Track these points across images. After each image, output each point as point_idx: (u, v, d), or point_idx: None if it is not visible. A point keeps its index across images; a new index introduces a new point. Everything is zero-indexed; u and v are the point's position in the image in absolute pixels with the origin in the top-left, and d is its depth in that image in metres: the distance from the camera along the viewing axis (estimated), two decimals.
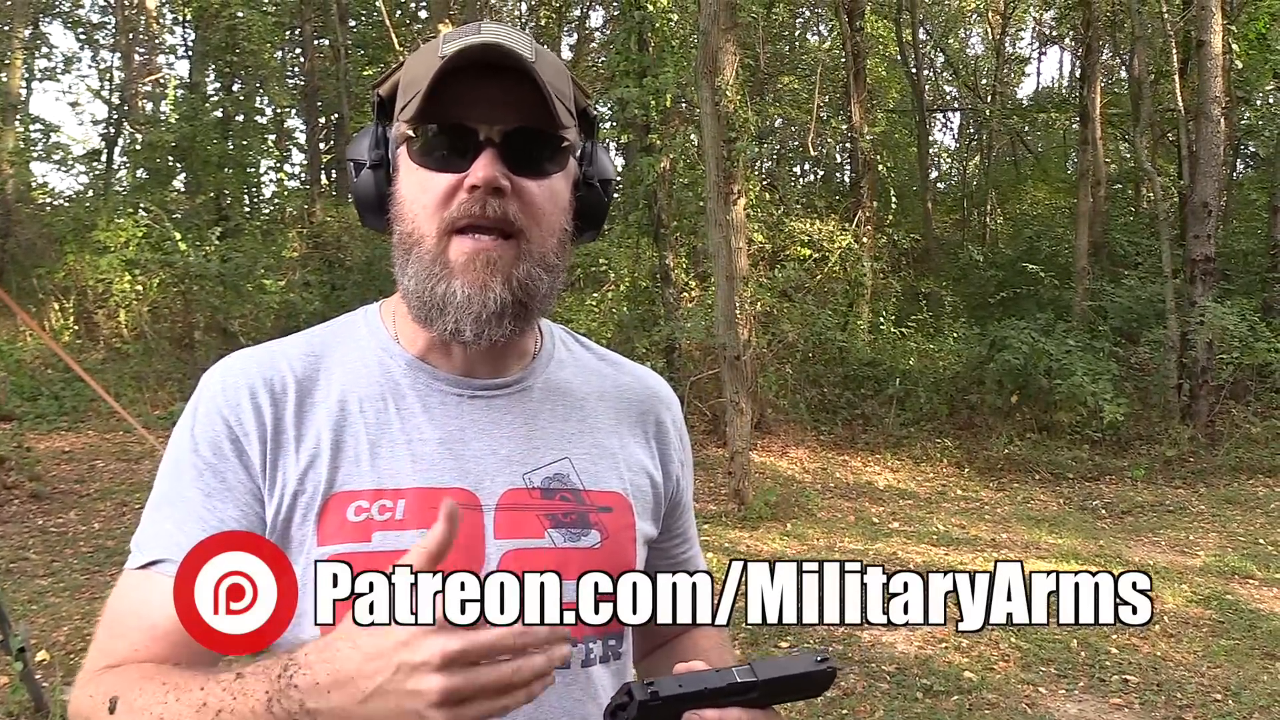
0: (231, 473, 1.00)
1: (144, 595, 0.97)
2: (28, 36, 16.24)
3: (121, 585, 1.01)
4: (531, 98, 0.97)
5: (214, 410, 1.01)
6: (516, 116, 0.98)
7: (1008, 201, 20.20)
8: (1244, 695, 4.65)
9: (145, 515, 1.02)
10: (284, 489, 1.00)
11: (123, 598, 1.00)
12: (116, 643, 0.98)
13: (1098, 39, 14.76)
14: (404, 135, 1.02)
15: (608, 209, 1.13)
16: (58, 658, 4.49)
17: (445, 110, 0.98)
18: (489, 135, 0.98)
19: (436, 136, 1.00)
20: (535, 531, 1.03)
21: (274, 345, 1.09)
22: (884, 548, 7.27)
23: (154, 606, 0.95)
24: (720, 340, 8.38)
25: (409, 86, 1.02)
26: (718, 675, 0.88)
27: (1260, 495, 9.27)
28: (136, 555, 1.00)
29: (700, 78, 8.46)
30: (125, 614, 0.99)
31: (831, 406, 11.95)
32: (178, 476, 1.01)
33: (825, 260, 13.08)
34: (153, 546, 0.99)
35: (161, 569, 0.97)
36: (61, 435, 9.30)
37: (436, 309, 1.00)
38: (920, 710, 4.42)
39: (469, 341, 1.01)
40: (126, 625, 0.98)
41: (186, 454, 1.01)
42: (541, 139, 1.00)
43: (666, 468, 1.19)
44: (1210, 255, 11.10)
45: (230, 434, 1.00)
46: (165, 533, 0.98)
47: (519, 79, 0.96)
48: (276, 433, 1.01)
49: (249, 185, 17.09)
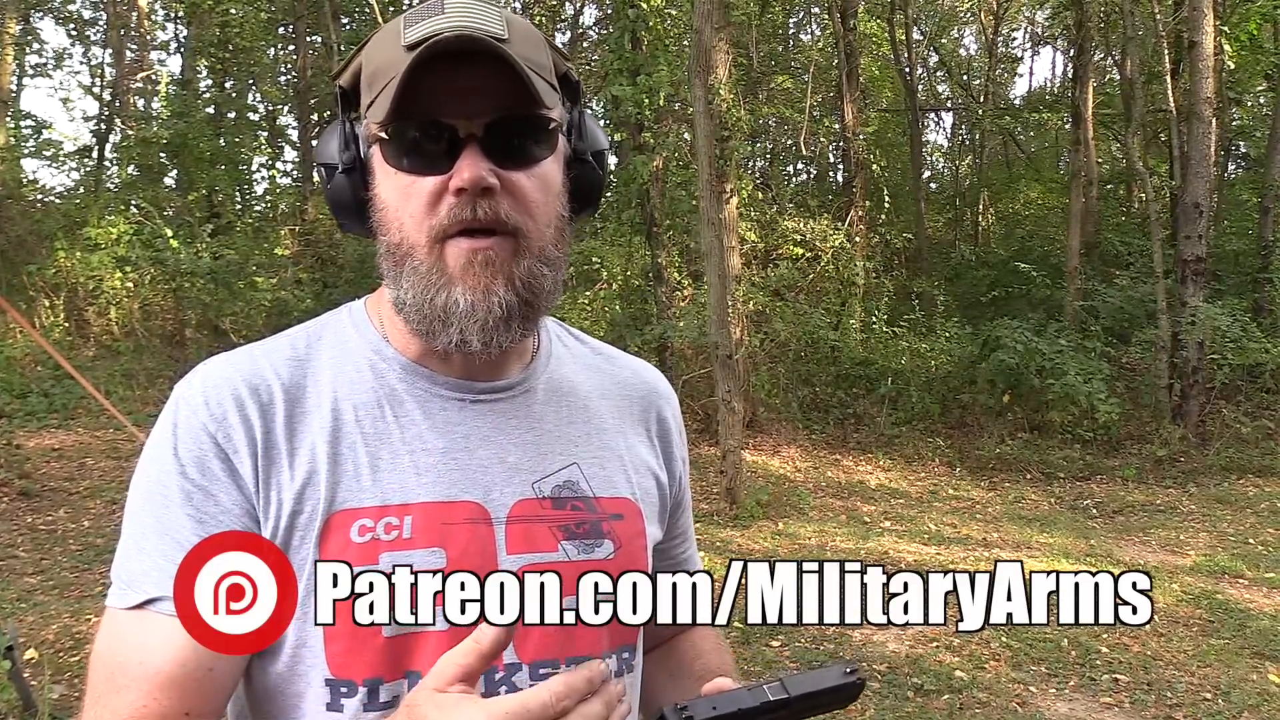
0: (224, 494, 0.91)
1: (143, 639, 0.88)
2: (19, 32, 16.18)
3: (113, 627, 0.91)
4: (510, 80, 0.89)
5: (197, 425, 0.92)
6: (496, 105, 0.91)
7: (1000, 201, 20.23)
8: (1234, 694, 4.67)
9: (127, 542, 0.92)
10: (279, 509, 0.92)
11: (117, 642, 0.90)
12: (119, 697, 0.88)
13: (1090, 39, 14.78)
14: (376, 137, 0.94)
15: (604, 181, 1.05)
16: (46, 656, 4.47)
17: (418, 106, 0.90)
18: (469, 130, 0.90)
19: (412, 137, 0.92)
20: (549, 545, 0.99)
21: (254, 349, 1.00)
22: (876, 547, 7.27)
23: (156, 651, 0.87)
24: (713, 339, 8.38)
25: (374, 79, 0.94)
26: (750, 695, 0.87)
27: (1250, 495, 9.30)
28: (126, 592, 0.90)
29: (693, 76, 8.46)
30: (125, 663, 0.89)
31: (824, 406, 11.97)
32: (164, 501, 0.91)
33: (818, 259, 13.10)
34: (144, 583, 0.89)
35: (159, 608, 0.88)
36: (51, 433, 9.26)
37: (439, 321, 0.93)
38: (911, 709, 4.43)
39: (477, 352, 0.94)
40: (129, 676, 0.88)
41: (172, 476, 0.91)
42: (526, 124, 0.93)
43: (670, 466, 1.15)
44: (1201, 255, 11.13)
45: (218, 451, 0.92)
46: (157, 567, 0.89)
47: (494, 62, 0.88)
48: (268, 447, 0.93)
49: (241, 182, 17.02)
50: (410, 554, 0.92)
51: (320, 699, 0.92)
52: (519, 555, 0.97)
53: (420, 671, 0.91)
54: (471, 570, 0.84)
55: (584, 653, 0.99)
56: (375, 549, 0.92)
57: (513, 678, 0.96)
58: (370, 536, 0.92)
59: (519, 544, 0.98)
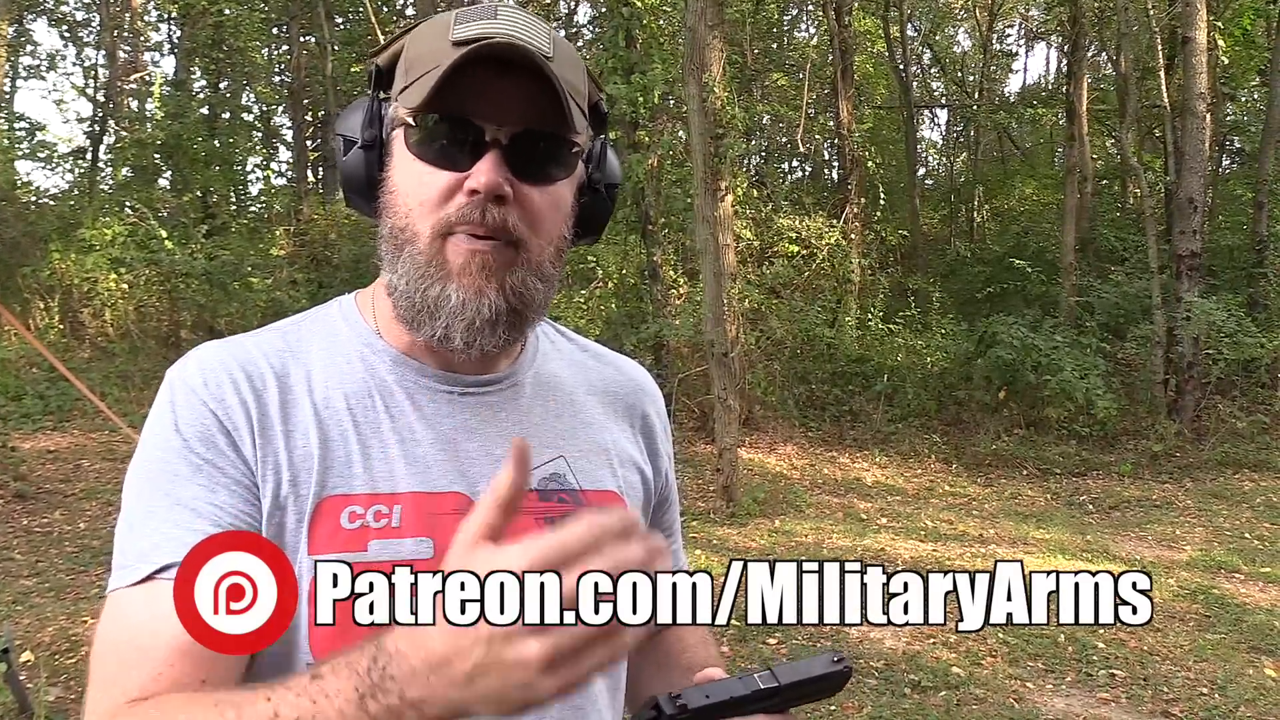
0: (230, 466, 0.92)
1: (154, 610, 0.85)
2: (11, 34, 16.15)
3: (118, 608, 0.89)
4: (546, 98, 0.91)
5: (197, 402, 0.93)
6: (527, 117, 0.92)
7: (995, 198, 20.24)
8: (1230, 689, 4.68)
9: (133, 521, 0.91)
10: (275, 488, 0.93)
11: (125, 619, 0.88)
12: (132, 672, 0.85)
13: (1084, 35, 14.80)
14: (403, 121, 0.95)
15: (610, 214, 1.07)
16: (42, 659, 4.46)
17: (452, 102, 0.91)
18: (496, 136, 0.92)
19: (439, 129, 0.93)
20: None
21: (244, 338, 1.02)
22: (872, 544, 7.28)
23: (169, 619, 0.83)
24: (708, 337, 8.37)
25: (413, 65, 0.95)
26: (741, 683, 0.89)
27: (1246, 490, 9.33)
28: (134, 568, 0.88)
29: (687, 74, 8.45)
30: (135, 638, 0.86)
31: (820, 403, 11.97)
32: (172, 476, 0.91)
33: (813, 257, 13.11)
34: (154, 554, 0.88)
35: (171, 574, 0.84)
36: (46, 435, 9.23)
37: (428, 313, 0.95)
38: (908, 706, 4.43)
39: (458, 349, 0.96)
40: (141, 648, 0.86)
41: (177, 452, 0.91)
42: (551, 142, 0.95)
43: (655, 463, 1.17)
44: (1196, 251, 11.15)
45: (220, 425, 0.93)
46: (169, 536, 0.88)
47: (534, 76, 0.90)
48: (263, 427, 0.94)
49: (235, 183, 16.97)
50: (399, 542, 0.94)
51: None
52: None
53: None
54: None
55: None
56: (364, 536, 0.94)
57: None
58: (360, 523, 0.94)
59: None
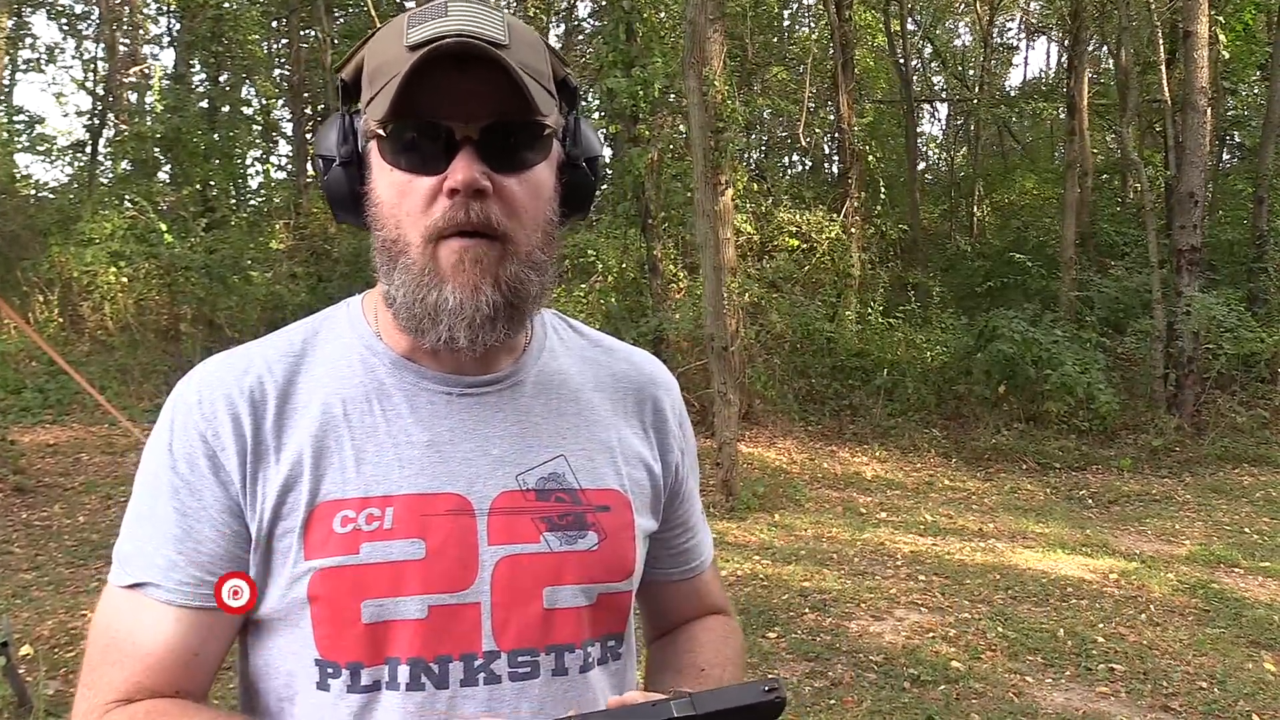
0: (208, 490, 0.97)
1: (135, 618, 0.97)
2: (11, 27, 16.13)
3: (110, 601, 0.99)
4: (508, 86, 0.91)
5: (190, 425, 0.98)
6: (493, 109, 0.93)
7: (995, 192, 20.20)
8: (1229, 683, 4.67)
9: (127, 524, 1.00)
10: (264, 502, 0.96)
11: (114, 617, 0.98)
12: (114, 670, 0.96)
13: (1085, 29, 14.77)
14: (374, 133, 0.96)
15: (595, 187, 1.07)
16: (41, 652, 4.46)
17: (417, 106, 0.92)
18: (465, 133, 0.93)
19: (409, 136, 0.94)
20: (530, 535, 0.99)
21: (252, 348, 1.04)
22: (872, 538, 7.28)
23: (147, 633, 0.96)
24: (708, 331, 8.37)
25: (375, 76, 0.96)
26: (654, 710, 0.82)
27: (1246, 484, 9.33)
28: (121, 570, 0.98)
29: (687, 69, 8.44)
30: (119, 639, 0.97)
31: (819, 397, 11.97)
32: (155, 492, 0.98)
33: (813, 251, 13.11)
34: (136, 566, 0.97)
35: (148, 593, 0.96)
36: (46, 428, 9.24)
37: (429, 319, 0.95)
38: (908, 700, 4.43)
39: (464, 349, 0.97)
40: (123, 651, 0.97)
41: (165, 469, 0.98)
42: (521, 129, 0.95)
43: (665, 457, 1.15)
44: (1196, 245, 11.13)
45: (206, 449, 0.97)
46: (145, 553, 0.97)
47: (493, 68, 0.91)
48: (256, 444, 0.97)
49: (235, 177, 16.97)
50: (390, 544, 0.96)
51: (311, 678, 0.97)
52: (500, 546, 0.99)
53: (398, 658, 0.95)
54: (455, 571, 0.91)
55: (564, 641, 1.00)
56: (356, 539, 0.96)
57: (491, 665, 0.97)
58: (352, 527, 0.96)
59: (500, 535, 0.99)
